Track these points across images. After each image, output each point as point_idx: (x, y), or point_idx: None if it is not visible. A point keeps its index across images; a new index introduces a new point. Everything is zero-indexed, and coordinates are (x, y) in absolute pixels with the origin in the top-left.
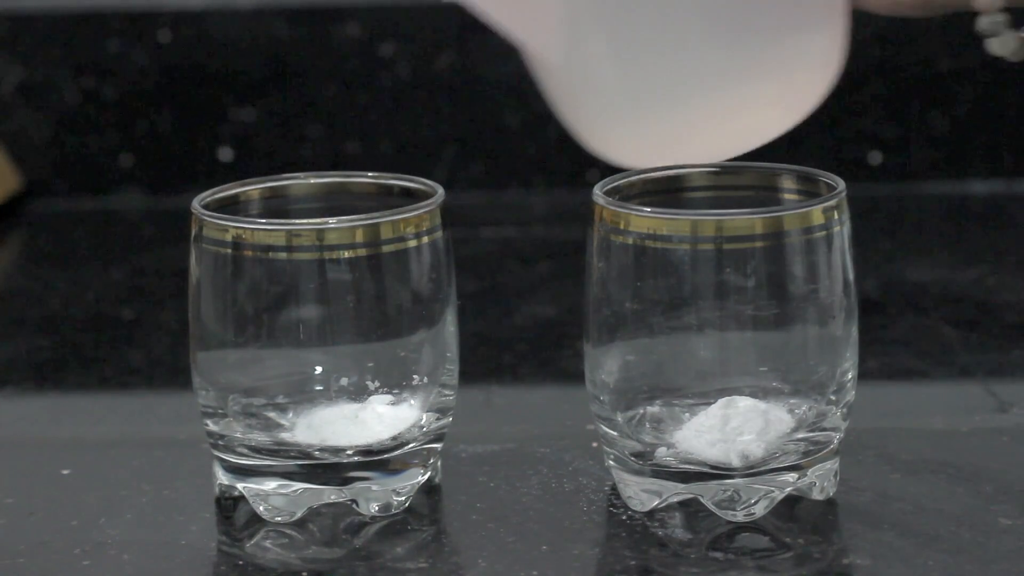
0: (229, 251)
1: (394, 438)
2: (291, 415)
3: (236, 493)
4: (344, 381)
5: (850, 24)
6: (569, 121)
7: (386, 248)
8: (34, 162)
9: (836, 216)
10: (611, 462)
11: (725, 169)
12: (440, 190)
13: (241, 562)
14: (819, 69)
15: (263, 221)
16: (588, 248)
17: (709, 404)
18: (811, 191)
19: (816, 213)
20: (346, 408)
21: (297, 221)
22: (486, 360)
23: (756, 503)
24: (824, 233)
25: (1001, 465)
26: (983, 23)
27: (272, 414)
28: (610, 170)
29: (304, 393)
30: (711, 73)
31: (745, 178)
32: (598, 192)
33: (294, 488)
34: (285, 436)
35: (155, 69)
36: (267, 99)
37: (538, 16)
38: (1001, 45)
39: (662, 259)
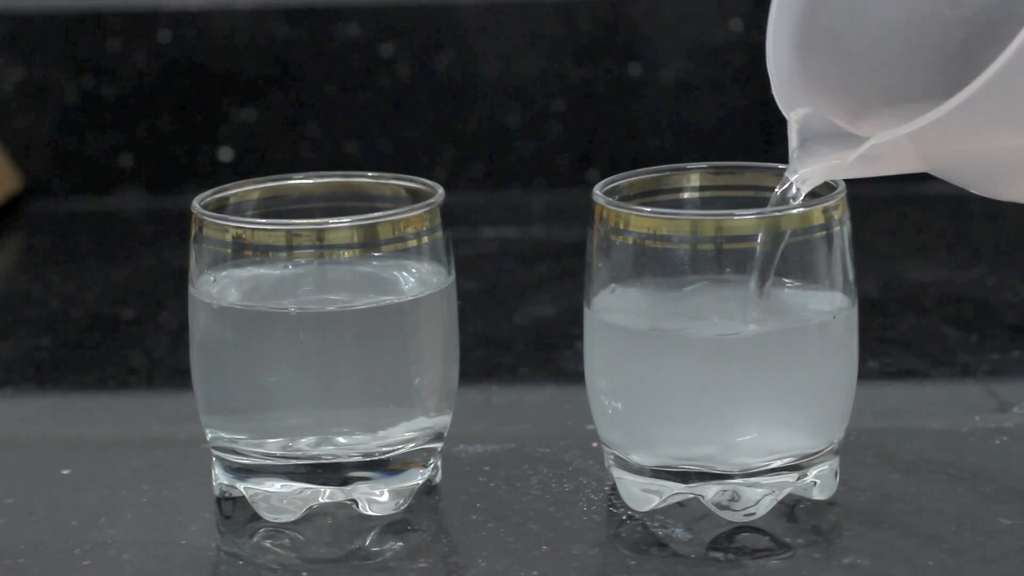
0: (229, 251)
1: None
2: None
3: (236, 493)
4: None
5: None
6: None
7: (386, 248)
8: (34, 162)
9: (836, 216)
10: (611, 462)
11: (725, 169)
12: (440, 190)
13: (241, 562)
14: None
15: (263, 221)
16: (588, 248)
17: None
18: (811, 191)
19: (816, 213)
20: None
21: (297, 221)
22: (486, 360)
23: (756, 503)
24: (824, 233)
25: (1001, 465)
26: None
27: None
28: (610, 170)
29: None
30: None
31: (745, 178)
32: (598, 192)
33: (294, 488)
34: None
35: (155, 69)
36: (267, 99)
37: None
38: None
39: (662, 259)
